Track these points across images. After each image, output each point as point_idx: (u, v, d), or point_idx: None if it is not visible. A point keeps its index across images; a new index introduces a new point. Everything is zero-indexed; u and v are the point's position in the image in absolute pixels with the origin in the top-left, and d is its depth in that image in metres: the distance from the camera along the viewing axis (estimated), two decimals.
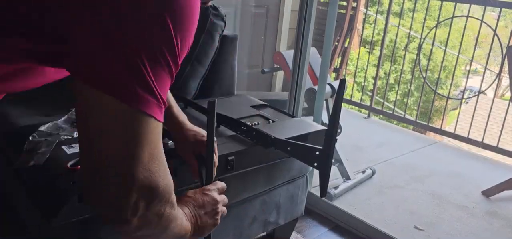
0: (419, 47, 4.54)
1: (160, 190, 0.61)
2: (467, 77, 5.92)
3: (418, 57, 4.58)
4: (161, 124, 0.60)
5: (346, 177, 2.50)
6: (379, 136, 3.63)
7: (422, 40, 4.15)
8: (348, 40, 4.19)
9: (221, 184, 0.91)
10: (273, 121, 1.55)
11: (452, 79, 4.68)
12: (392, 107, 4.23)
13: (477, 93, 3.80)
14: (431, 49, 4.07)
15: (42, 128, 1.27)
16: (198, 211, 0.81)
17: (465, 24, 3.56)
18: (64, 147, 1.20)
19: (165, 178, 0.62)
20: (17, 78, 0.66)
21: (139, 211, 0.59)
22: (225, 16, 1.78)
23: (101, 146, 0.56)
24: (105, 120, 0.55)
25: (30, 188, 1.13)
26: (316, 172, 1.23)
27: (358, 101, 4.30)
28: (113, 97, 0.54)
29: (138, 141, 0.56)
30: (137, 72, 0.54)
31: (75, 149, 1.21)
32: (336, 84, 2.55)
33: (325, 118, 2.43)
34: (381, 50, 4.28)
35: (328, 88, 2.41)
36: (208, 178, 0.91)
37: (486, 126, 3.37)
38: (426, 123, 3.87)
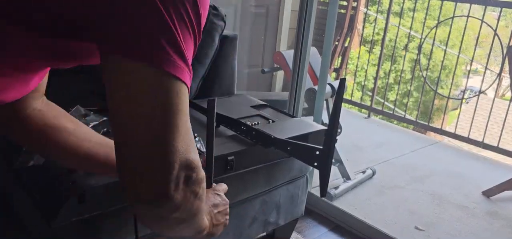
0: (420, 47, 4.54)
1: (196, 164, 0.59)
2: (468, 77, 5.93)
3: (418, 56, 4.58)
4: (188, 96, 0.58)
5: (346, 177, 2.49)
6: (379, 136, 3.63)
7: (422, 39, 4.15)
8: (348, 39, 4.19)
9: (225, 186, 0.91)
10: (273, 121, 1.55)
11: (453, 79, 4.69)
12: (393, 107, 4.23)
13: (477, 93, 3.80)
14: (432, 49, 4.07)
15: None
16: (212, 209, 0.81)
17: (466, 24, 3.56)
18: None
19: (196, 153, 0.60)
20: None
21: (179, 185, 0.57)
22: (225, 16, 1.78)
23: (140, 120, 0.54)
24: (141, 90, 0.54)
25: (29, 188, 1.13)
26: (316, 172, 1.23)
27: (358, 101, 4.30)
28: (146, 64, 0.53)
29: (175, 109, 0.55)
30: (168, 29, 0.53)
31: None
32: (336, 84, 2.55)
33: (325, 118, 2.42)
34: (381, 50, 4.28)
35: (328, 88, 2.41)
36: (208, 176, 0.90)
37: (486, 126, 3.37)
38: (427, 123, 3.87)
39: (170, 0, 0.54)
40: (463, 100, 9.57)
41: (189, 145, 0.57)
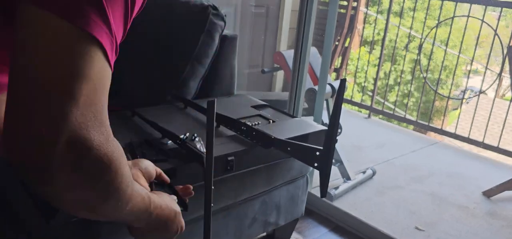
0: (420, 47, 4.54)
1: (95, 144, 0.48)
2: (468, 77, 5.92)
3: (418, 57, 4.58)
4: (109, 68, 0.50)
5: (347, 177, 2.49)
6: (380, 136, 3.63)
7: (422, 39, 4.14)
8: (348, 40, 4.19)
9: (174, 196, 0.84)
10: (273, 121, 1.54)
11: (453, 79, 4.70)
12: (393, 107, 4.23)
13: (477, 93, 3.79)
14: (432, 49, 4.07)
15: None
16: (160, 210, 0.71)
17: (466, 24, 3.56)
18: None
19: (100, 133, 0.49)
20: None
21: (65, 168, 0.47)
22: (225, 16, 1.77)
23: (33, 73, 0.46)
24: (43, 42, 0.46)
25: (29, 188, 1.12)
26: (316, 172, 1.22)
27: (359, 101, 4.30)
28: (51, 13, 0.46)
29: (76, 72, 0.46)
30: None
31: None
32: (336, 84, 2.55)
33: (325, 118, 2.42)
34: (381, 50, 4.28)
35: (328, 88, 2.41)
36: (208, 180, 0.90)
37: (486, 126, 3.37)
38: (427, 123, 3.87)
39: None
40: (464, 101, 9.56)
41: (89, 121, 0.48)
